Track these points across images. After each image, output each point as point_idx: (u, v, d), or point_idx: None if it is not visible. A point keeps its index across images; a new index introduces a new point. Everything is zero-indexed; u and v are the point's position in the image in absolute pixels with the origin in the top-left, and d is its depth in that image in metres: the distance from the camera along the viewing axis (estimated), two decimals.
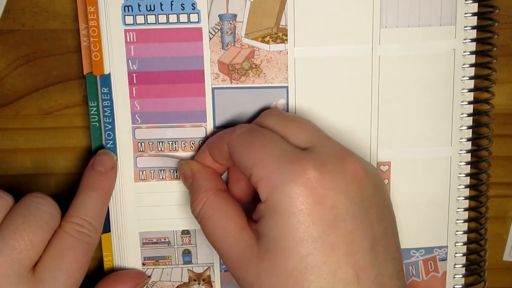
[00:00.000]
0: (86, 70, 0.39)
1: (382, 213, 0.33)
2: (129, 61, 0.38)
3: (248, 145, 0.33)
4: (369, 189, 0.32)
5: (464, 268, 0.42)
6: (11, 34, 0.39)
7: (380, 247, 0.32)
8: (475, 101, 0.39)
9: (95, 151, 0.39)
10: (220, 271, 0.41)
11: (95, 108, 0.39)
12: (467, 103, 0.39)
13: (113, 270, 0.41)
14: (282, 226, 0.31)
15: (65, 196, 0.39)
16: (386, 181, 0.40)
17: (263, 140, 0.33)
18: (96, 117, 0.39)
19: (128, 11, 0.37)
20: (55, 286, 0.34)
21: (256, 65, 0.38)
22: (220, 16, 0.38)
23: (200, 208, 0.35)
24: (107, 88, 0.38)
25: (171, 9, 0.37)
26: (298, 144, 0.33)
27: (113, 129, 0.39)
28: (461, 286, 0.42)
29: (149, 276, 0.41)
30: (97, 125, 0.39)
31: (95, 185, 0.37)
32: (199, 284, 0.41)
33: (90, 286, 0.41)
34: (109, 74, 0.38)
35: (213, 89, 0.38)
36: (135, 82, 0.38)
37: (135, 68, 0.38)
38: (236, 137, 0.34)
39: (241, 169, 0.34)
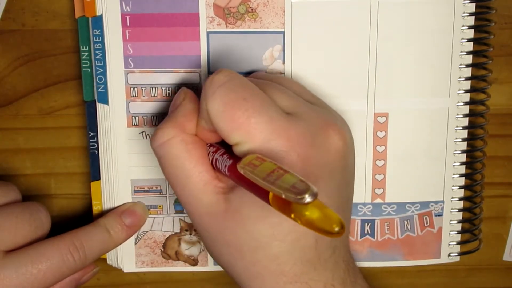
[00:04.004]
0: (78, 14, 0.38)
1: (350, 177, 0.34)
2: (123, 2, 0.37)
3: (230, 112, 0.31)
4: (347, 160, 0.33)
5: (460, 225, 0.41)
6: (11, 34, 0.39)
7: (341, 211, 0.33)
8: (474, 52, 0.39)
9: (87, 102, 0.39)
10: None
11: (86, 53, 0.38)
12: (465, 53, 0.38)
13: None
14: None
15: (65, 196, 0.41)
16: (383, 134, 0.39)
17: (244, 105, 0.30)
18: (88, 62, 0.38)
19: None
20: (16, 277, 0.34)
21: (252, 9, 0.37)
22: None
23: (165, 140, 0.33)
24: (99, 30, 0.37)
25: None
26: (283, 108, 0.32)
27: (104, 73, 0.38)
28: (456, 242, 0.41)
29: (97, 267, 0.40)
30: (89, 70, 0.38)
31: (112, 232, 0.38)
32: (190, 234, 0.40)
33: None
34: (101, 16, 0.37)
35: (208, 33, 0.38)
36: (128, 24, 0.37)
37: (129, 10, 0.37)
38: (213, 99, 0.31)
39: (221, 135, 0.32)
